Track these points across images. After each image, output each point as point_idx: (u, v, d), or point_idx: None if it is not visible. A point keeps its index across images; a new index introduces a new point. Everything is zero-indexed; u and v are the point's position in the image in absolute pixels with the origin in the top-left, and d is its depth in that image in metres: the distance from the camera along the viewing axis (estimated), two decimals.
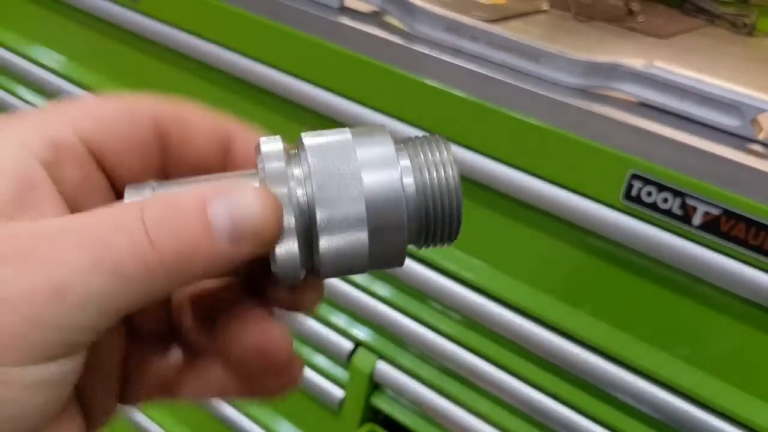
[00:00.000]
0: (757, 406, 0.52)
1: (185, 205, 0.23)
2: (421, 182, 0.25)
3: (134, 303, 0.22)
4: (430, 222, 0.26)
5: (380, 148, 0.25)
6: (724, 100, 0.52)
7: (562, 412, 0.61)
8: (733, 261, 0.50)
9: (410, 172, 0.25)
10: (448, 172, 0.25)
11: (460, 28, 0.61)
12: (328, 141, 0.25)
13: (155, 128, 0.26)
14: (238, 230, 0.23)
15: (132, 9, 0.78)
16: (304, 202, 0.24)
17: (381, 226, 0.24)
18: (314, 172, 0.24)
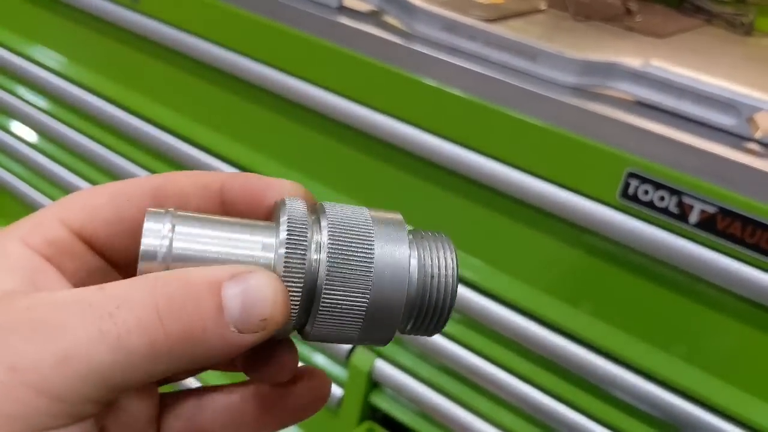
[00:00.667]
0: (754, 403, 0.53)
1: (199, 286, 0.23)
2: (423, 276, 0.26)
3: (137, 380, 0.22)
4: (422, 314, 0.27)
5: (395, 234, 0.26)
6: (721, 98, 0.52)
7: (559, 410, 0.61)
8: (729, 259, 0.50)
9: (416, 269, 0.26)
10: (449, 273, 0.27)
11: (458, 27, 0.62)
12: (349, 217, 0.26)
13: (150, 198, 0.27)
14: (248, 320, 0.23)
15: (132, 9, 0.79)
16: (315, 267, 0.25)
17: (378, 308, 0.25)
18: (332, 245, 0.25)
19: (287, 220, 0.25)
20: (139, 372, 0.22)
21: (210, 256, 0.25)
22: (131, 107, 0.84)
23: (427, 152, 0.62)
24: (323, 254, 0.25)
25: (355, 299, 0.25)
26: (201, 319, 0.22)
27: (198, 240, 0.25)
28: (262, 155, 0.75)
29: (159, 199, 0.27)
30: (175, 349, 0.22)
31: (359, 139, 0.67)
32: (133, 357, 0.21)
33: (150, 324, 0.22)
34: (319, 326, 0.25)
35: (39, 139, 0.98)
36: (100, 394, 0.21)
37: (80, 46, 0.89)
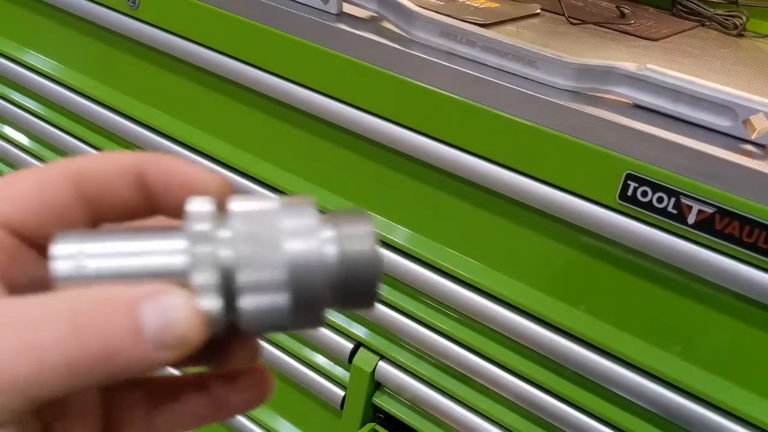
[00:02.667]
0: (753, 400, 0.53)
1: (116, 304, 0.23)
2: (342, 253, 0.27)
3: (55, 392, 0.22)
4: (349, 290, 0.27)
5: (303, 217, 0.26)
6: (717, 101, 0.53)
7: (560, 408, 0.62)
8: (727, 258, 0.51)
9: (332, 242, 0.27)
10: (365, 246, 0.27)
11: (455, 32, 0.63)
12: (254, 207, 0.27)
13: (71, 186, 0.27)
14: (165, 339, 0.23)
15: (130, 15, 0.79)
16: (228, 264, 0.25)
17: (300, 292, 0.26)
18: (239, 235, 0.26)
19: (192, 221, 0.26)
20: (57, 387, 0.22)
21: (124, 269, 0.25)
22: (129, 113, 0.85)
23: (426, 156, 0.63)
24: (233, 248, 0.25)
25: (272, 286, 0.25)
26: (118, 339, 0.23)
27: (110, 257, 0.25)
28: (262, 160, 0.76)
29: (79, 185, 0.27)
30: (93, 366, 0.22)
31: (359, 143, 0.67)
32: (51, 373, 0.22)
33: (68, 343, 0.22)
34: (245, 319, 0.26)
35: (34, 144, 0.98)
36: (18, 405, 0.22)
37: (77, 52, 0.90)
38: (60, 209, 0.26)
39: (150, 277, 0.25)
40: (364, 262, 0.27)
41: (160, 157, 0.28)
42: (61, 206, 0.26)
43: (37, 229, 0.26)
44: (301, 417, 0.82)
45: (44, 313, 0.22)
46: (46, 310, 0.23)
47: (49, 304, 0.23)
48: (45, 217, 0.26)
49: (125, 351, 0.23)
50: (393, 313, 0.69)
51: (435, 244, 0.66)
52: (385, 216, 0.69)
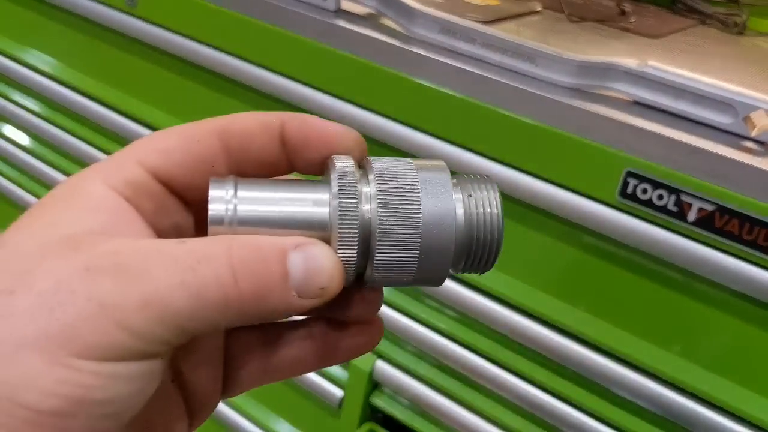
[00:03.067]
0: (753, 398, 0.53)
1: (269, 251, 0.25)
2: (469, 215, 0.28)
3: (206, 327, 0.25)
4: (471, 252, 0.29)
5: (439, 179, 0.28)
6: (717, 98, 0.53)
7: (559, 408, 0.62)
8: (727, 256, 0.51)
9: (462, 205, 0.28)
10: (493, 210, 0.28)
11: (455, 29, 0.62)
12: (394, 166, 0.28)
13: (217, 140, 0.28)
14: (308, 286, 0.25)
15: (129, 13, 0.79)
16: (368, 217, 0.27)
17: (430, 250, 0.27)
18: (380, 193, 0.27)
19: (337, 177, 0.27)
20: (210, 322, 0.24)
21: (271, 216, 0.27)
22: (128, 111, 0.84)
23: (425, 153, 0.62)
24: (373, 204, 0.27)
25: (407, 242, 0.27)
26: (269, 282, 0.25)
27: (259, 203, 0.27)
28: None
29: (224, 139, 0.28)
30: (245, 306, 0.24)
31: None
32: (208, 308, 0.24)
33: (226, 281, 0.24)
34: (377, 271, 0.27)
35: (34, 143, 0.98)
36: (174, 337, 0.24)
37: (75, 51, 0.90)
38: (205, 161, 0.28)
39: (297, 227, 0.27)
40: (488, 227, 0.28)
41: (300, 114, 0.29)
42: (207, 158, 0.28)
43: (183, 179, 0.28)
44: (299, 417, 0.81)
45: (204, 255, 0.24)
46: (206, 251, 0.24)
47: (208, 247, 0.25)
48: (191, 168, 0.28)
49: (274, 294, 0.25)
50: (391, 313, 0.68)
51: None
52: None
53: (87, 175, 0.27)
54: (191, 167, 0.28)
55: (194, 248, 0.25)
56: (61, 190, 0.27)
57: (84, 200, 0.26)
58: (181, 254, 0.24)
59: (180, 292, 0.23)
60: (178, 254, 0.24)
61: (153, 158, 0.28)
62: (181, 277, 0.24)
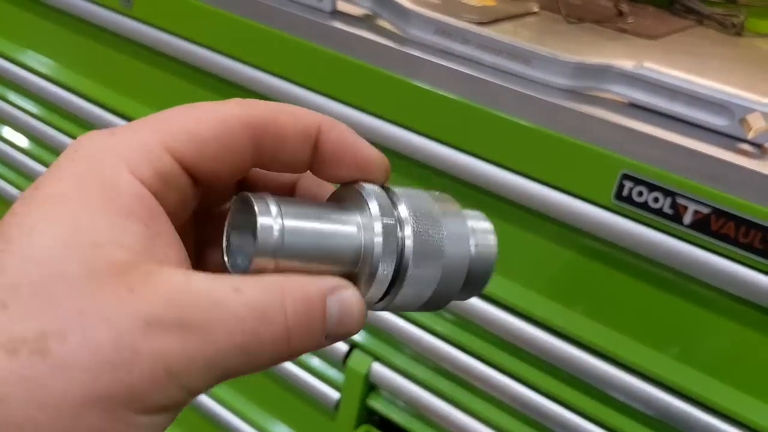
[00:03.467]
0: (749, 402, 0.53)
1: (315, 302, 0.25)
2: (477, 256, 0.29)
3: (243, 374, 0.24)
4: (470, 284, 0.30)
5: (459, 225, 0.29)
6: (714, 100, 0.53)
7: (555, 410, 0.61)
8: (723, 259, 0.50)
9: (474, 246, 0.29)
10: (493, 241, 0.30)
11: (451, 31, 0.62)
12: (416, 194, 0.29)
13: (249, 135, 0.26)
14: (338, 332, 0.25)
15: (125, 15, 0.79)
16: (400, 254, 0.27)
17: (442, 289, 0.28)
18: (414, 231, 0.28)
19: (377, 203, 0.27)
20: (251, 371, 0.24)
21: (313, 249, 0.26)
22: (124, 112, 0.84)
23: (420, 155, 0.62)
24: (407, 231, 0.27)
25: (431, 274, 0.28)
26: (315, 340, 0.25)
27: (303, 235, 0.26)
28: None
29: (258, 135, 0.26)
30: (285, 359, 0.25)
31: None
32: (258, 365, 0.24)
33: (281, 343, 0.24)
34: (399, 298, 0.28)
35: (31, 144, 0.98)
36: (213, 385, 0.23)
37: (72, 52, 0.89)
38: (236, 156, 0.26)
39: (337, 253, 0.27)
40: (489, 257, 0.30)
41: (336, 124, 0.28)
42: (238, 153, 0.26)
43: (209, 171, 0.26)
44: (296, 419, 0.81)
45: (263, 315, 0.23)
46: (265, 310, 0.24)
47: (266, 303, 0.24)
48: (221, 161, 0.26)
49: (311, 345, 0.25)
50: (387, 315, 0.68)
51: None
52: None
53: (110, 160, 0.24)
54: (222, 160, 0.26)
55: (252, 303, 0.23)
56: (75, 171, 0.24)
57: (113, 197, 0.23)
58: (240, 311, 0.23)
59: (236, 353, 0.23)
60: (238, 311, 0.23)
61: (185, 147, 0.25)
62: (242, 340, 0.23)
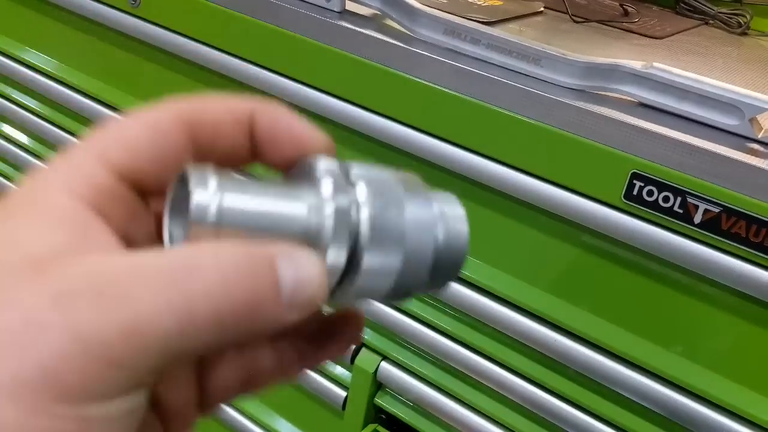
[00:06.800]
0: (759, 401, 0.53)
1: (260, 260, 0.23)
2: (446, 243, 0.27)
3: (197, 350, 0.22)
4: (440, 271, 0.28)
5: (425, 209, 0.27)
6: (724, 99, 0.53)
7: (563, 408, 0.62)
8: (734, 258, 0.51)
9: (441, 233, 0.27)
10: (464, 226, 0.28)
11: (459, 30, 0.62)
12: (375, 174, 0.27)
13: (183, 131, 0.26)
14: (297, 296, 0.23)
15: (132, 14, 0.79)
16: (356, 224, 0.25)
17: (405, 279, 0.26)
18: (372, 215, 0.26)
19: (330, 181, 0.25)
20: (201, 342, 0.22)
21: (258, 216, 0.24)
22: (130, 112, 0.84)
23: (429, 155, 0.62)
24: (363, 214, 0.25)
25: (388, 271, 0.26)
26: (262, 292, 0.22)
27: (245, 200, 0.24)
28: None
29: (193, 131, 0.26)
30: (238, 319, 0.22)
31: (361, 142, 0.67)
32: (199, 327, 0.21)
33: (217, 293, 0.21)
34: (352, 291, 0.26)
35: (35, 143, 0.98)
36: (163, 363, 0.21)
37: (77, 51, 0.89)
38: (172, 155, 0.25)
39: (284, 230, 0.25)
40: (458, 246, 0.28)
41: (269, 106, 0.27)
42: (174, 152, 0.25)
43: (151, 177, 0.25)
44: (303, 417, 0.81)
45: (191, 265, 0.21)
46: (193, 262, 0.22)
47: (194, 257, 0.22)
48: (159, 165, 0.25)
49: (266, 306, 0.22)
50: (395, 314, 0.68)
51: None
52: None
53: (45, 181, 0.24)
54: (160, 163, 0.25)
55: (177, 259, 0.22)
56: (17, 200, 0.23)
57: (45, 212, 0.23)
58: (163, 268, 0.21)
59: (166, 312, 0.21)
60: (160, 268, 0.21)
61: (117, 156, 0.24)
62: (166, 295, 0.21)
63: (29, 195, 0.23)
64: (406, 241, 0.26)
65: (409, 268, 0.26)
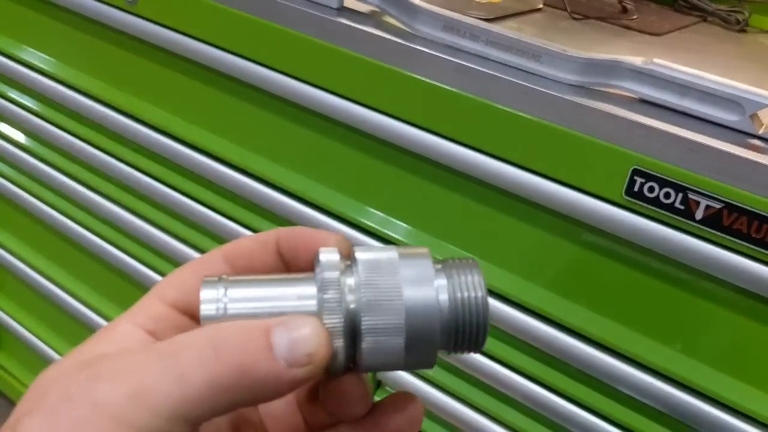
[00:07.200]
0: (761, 398, 0.53)
1: (250, 329, 0.26)
2: (454, 300, 0.29)
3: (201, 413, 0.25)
4: (459, 335, 0.29)
5: (421, 267, 0.29)
6: (724, 95, 0.52)
7: (564, 406, 0.61)
8: (735, 254, 0.50)
9: (445, 290, 0.29)
10: (477, 294, 0.29)
11: (458, 27, 0.62)
12: (377, 257, 0.29)
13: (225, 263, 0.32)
14: (294, 353, 0.26)
15: (130, 12, 0.78)
16: (353, 308, 0.28)
17: (415, 337, 0.28)
18: (364, 283, 0.28)
19: (322, 270, 0.29)
20: (202, 405, 0.25)
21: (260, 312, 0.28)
22: (127, 110, 0.84)
23: (429, 152, 0.62)
24: (359, 294, 0.28)
25: (392, 329, 0.28)
26: (253, 354, 0.26)
27: (248, 299, 0.29)
28: (262, 157, 0.75)
29: (230, 260, 0.32)
30: (232, 382, 0.25)
31: (361, 140, 0.67)
32: (196, 390, 0.25)
33: (208, 359, 0.25)
34: (365, 358, 0.28)
35: (32, 142, 0.97)
36: (171, 426, 0.25)
37: (75, 49, 0.89)
38: None
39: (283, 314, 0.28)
40: (473, 310, 0.29)
41: (293, 228, 0.33)
42: None
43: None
44: None
45: (187, 340, 0.26)
46: (189, 338, 0.26)
47: (191, 335, 0.26)
48: None
49: (260, 365, 0.25)
50: None
51: (438, 241, 0.65)
52: (387, 213, 0.68)
53: (118, 319, 0.30)
54: None
55: (178, 339, 0.26)
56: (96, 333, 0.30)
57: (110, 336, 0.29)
58: (165, 346, 0.26)
59: (166, 379, 0.25)
60: (163, 346, 0.26)
61: (171, 293, 0.31)
62: (165, 364, 0.25)
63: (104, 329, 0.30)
64: (405, 318, 0.28)
65: (416, 342, 0.28)
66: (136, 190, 0.86)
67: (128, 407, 0.24)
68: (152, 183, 0.84)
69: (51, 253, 1.04)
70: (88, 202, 0.92)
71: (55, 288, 1.03)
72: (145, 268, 0.89)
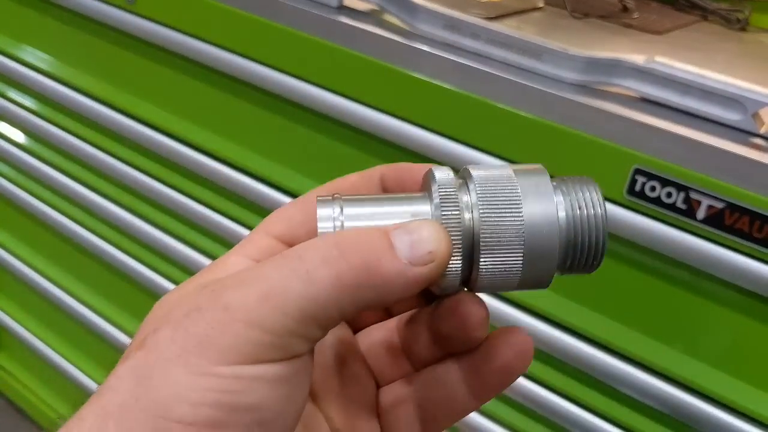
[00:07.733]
0: (762, 398, 0.53)
1: (372, 232, 0.27)
2: (572, 218, 0.28)
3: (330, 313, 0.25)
4: (577, 253, 0.29)
5: (539, 184, 0.28)
6: (726, 94, 0.52)
7: (563, 406, 0.61)
8: (737, 254, 0.50)
9: (563, 207, 0.28)
10: (597, 212, 0.28)
11: (459, 25, 0.62)
12: (493, 174, 0.29)
13: None
14: (417, 252, 0.26)
15: (128, 11, 0.78)
16: (469, 226, 0.28)
17: (534, 254, 0.28)
18: (481, 200, 0.28)
19: (438, 187, 0.28)
20: (330, 305, 0.25)
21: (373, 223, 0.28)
22: (126, 109, 0.84)
23: (429, 150, 0.62)
24: (476, 212, 0.28)
25: (510, 247, 0.27)
26: (376, 252, 0.26)
27: (364, 217, 0.28)
28: (261, 156, 0.75)
29: None
30: (358, 280, 0.25)
31: (361, 138, 0.66)
32: (322, 289, 0.25)
33: (333, 259, 0.25)
34: (483, 276, 0.28)
35: (32, 141, 0.97)
36: (301, 327, 0.25)
37: (74, 48, 0.89)
38: None
39: None
40: (592, 228, 0.28)
41: (395, 164, 0.33)
42: None
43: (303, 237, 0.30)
44: None
45: (310, 244, 0.26)
46: (312, 242, 0.26)
47: (314, 240, 0.27)
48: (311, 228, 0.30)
49: (383, 263, 0.26)
50: None
51: None
52: None
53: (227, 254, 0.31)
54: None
55: (301, 245, 0.26)
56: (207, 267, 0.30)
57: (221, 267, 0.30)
58: (289, 252, 0.26)
59: (293, 279, 0.25)
60: (287, 253, 0.26)
61: (278, 227, 0.31)
62: (291, 267, 0.25)
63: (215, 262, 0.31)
64: (524, 235, 0.27)
65: (535, 260, 0.28)
66: (135, 190, 0.86)
67: (260, 309, 0.25)
68: (151, 182, 0.84)
69: (51, 254, 1.04)
70: (87, 202, 0.92)
71: (55, 288, 1.03)
72: (145, 268, 0.89)
